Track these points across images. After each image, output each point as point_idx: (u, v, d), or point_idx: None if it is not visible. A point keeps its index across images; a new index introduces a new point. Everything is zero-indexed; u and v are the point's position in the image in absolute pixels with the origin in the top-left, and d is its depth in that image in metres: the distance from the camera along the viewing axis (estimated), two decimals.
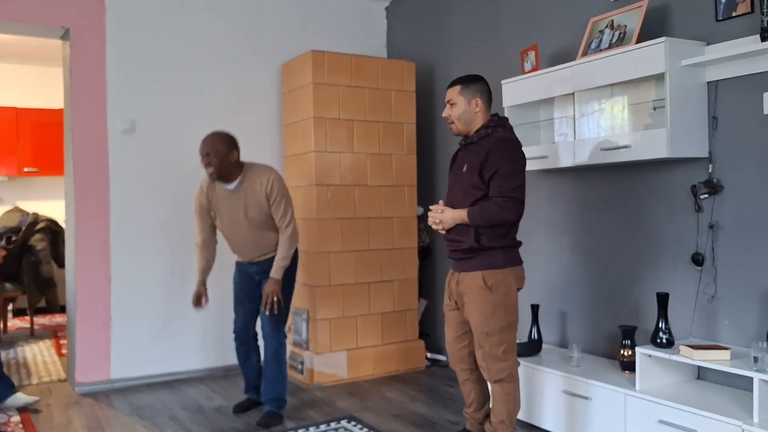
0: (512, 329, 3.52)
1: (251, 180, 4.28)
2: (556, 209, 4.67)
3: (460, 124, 3.58)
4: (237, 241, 4.40)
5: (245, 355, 4.57)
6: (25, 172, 8.73)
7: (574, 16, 4.43)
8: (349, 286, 5.36)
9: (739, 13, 3.51)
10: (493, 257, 3.46)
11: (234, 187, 4.29)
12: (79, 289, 5.12)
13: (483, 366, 3.54)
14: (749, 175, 3.51)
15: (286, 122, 5.69)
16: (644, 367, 3.58)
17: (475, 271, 3.48)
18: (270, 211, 4.27)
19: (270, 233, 4.33)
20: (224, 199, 4.34)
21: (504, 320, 3.46)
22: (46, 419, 4.49)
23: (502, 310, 3.45)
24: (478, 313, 3.47)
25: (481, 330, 3.47)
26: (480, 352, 3.52)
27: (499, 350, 3.47)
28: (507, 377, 3.50)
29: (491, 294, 3.44)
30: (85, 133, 5.13)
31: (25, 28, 5.14)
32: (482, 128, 3.54)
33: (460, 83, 3.59)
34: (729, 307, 3.63)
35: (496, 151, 3.40)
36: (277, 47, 5.84)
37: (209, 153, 4.20)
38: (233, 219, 4.32)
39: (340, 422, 4.33)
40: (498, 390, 3.53)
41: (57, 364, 6.04)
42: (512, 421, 3.55)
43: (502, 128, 3.54)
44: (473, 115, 3.55)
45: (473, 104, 3.54)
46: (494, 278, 3.45)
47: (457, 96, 3.56)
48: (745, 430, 3.02)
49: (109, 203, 5.20)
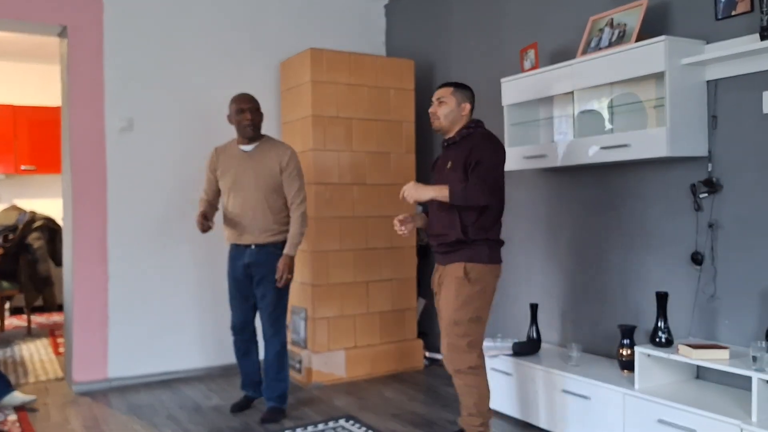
0: (480, 323, 3.60)
1: (269, 147, 4.38)
2: (555, 208, 4.66)
3: (445, 121, 3.72)
4: (236, 207, 4.32)
5: (244, 350, 4.54)
6: (22, 170, 8.71)
7: (574, 15, 4.42)
8: (348, 285, 5.35)
9: (738, 12, 3.50)
10: (478, 251, 3.56)
11: (251, 149, 4.37)
12: (77, 287, 5.10)
13: (445, 355, 3.61)
14: (749, 174, 3.51)
15: (285, 120, 5.68)
16: (643, 366, 3.57)
17: (458, 263, 3.56)
18: (278, 186, 4.30)
19: (271, 211, 4.30)
20: (238, 159, 4.36)
21: (474, 313, 3.55)
22: (43, 418, 4.48)
23: (475, 302, 3.54)
24: (451, 301, 3.56)
25: (451, 318, 3.55)
26: (444, 341, 3.60)
27: (463, 341, 3.54)
28: (467, 369, 3.55)
29: (469, 285, 3.53)
30: (82, 131, 5.11)
31: (23, 25, 5.13)
32: (463, 129, 3.70)
33: (454, 86, 3.76)
34: (728, 306, 3.63)
35: (479, 145, 3.56)
36: (275, 45, 5.83)
37: (251, 108, 4.34)
38: (239, 181, 4.32)
39: (338, 421, 4.32)
40: (459, 383, 3.60)
41: (54, 362, 6.04)
42: (482, 411, 3.61)
43: (482, 128, 3.72)
44: (459, 117, 3.71)
45: (462, 107, 3.72)
46: (476, 271, 3.54)
47: (450, 96, 3.72)
48: (744, 430, 3.01)
49: (107, 201, 5.18)
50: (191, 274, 5.37)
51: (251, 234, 4.32)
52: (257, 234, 4.31)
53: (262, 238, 4.31)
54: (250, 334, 4.54)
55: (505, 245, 4.94)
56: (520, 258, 4.93)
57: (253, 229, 4.31)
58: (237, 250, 4.40)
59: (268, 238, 4.31)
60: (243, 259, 4.35)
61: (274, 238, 4.32)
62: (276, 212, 4.32)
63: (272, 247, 4.32)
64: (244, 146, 4.38)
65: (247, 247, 4.34)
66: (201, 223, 4.27)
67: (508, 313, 5.03)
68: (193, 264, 5.39)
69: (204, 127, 4.44)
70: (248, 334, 4.53)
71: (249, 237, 4.32)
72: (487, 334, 4.81)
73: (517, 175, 4.86)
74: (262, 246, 4.31)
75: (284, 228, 4.35)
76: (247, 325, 4.51)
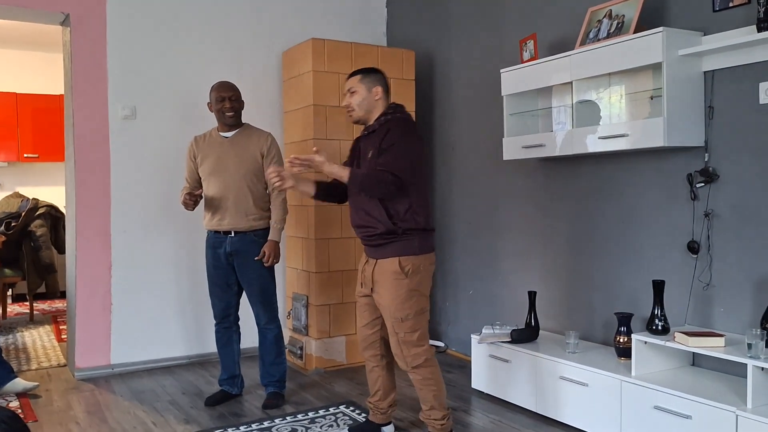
0: (425, 315, 3.56)
1: (250, 133, 4.44)
2: (553, 197, 4.69)
3: (360, 110, 3.65)
4: (217, 190, 4.32)
5: (226, 339, 4.54)
6: (25, 157, 8.74)
7: (573, 6, 4.45)
8: (349, 272, 5.38)
9: (736, 4, 3.53)
10: (409, 243, 3.47)
11: (232, 135, 4.41)
12: (80, 274, 5.15)
13: (398, 353, 3.57)
14: (745, 164, 3.54)
15: (286, 110, 5.70)
16: (640, 353, 3.61)
17: (391, 257, 3.48)
18: (259, 171, 4.34)
19: (252, 194, 4.32)
20: (218, 145, 4.39)
21: (417, 305, 3.50)
22: (46, 404, 4.53)
23: (416, 295, 3.49)
24: (392, 298, 3.48)
25: (396, 316, 3.48)
26: (394, 339, 3.55)
27: (414, 336, 3.50)
28: (423, 362, 3.53)
29: (407, 279, 3.46)
30: (85, 119, 5.14)
31: (25, 13, 5.14)
32: (381, 116, 3.61)
33: (360, 73, 3.69)
34: (724, 294, 3.67)
35: (392, 131, 3.48)
36: (277, 35, 5.84)
37: (232, 97, 4.37)
38: (221, 164, 4.33)
39: (338, 407, 4.37)
40: (417, 378, 3.56)
41: (57, 349, 6.09)
42: (442, 404, 3.58)
43: (401, 113, 3.63)
44: (374, 102, 3.63)
45: (374, 92, 3.63)
46: (410, 264, 3.46)
47: (358, 84, 3.65)
48: (739, 416, 3.05)
49: (110, 189, 5.22)
50: (194, 260, 5.40)
51: (232, 217, 4.31)
52: (238, 218, 4.31)
53: (243, 223, 4.31)
54: (230, 323, 4.53)
55: (505, 233, 5.00)
56: (518, 246, 4.97)
57: (234, 211, 4.31)
58: (216, 238, 4.39)
59: (248, 222, 4.32)
60: (224, 248, 4.35)
61: (254, 224, 4.33)
62: (256, 196, 4.35)
63: (253, 234, 4.34)
64: (224, 133, 4.42)
65: (227, 234, 4.35)
66: (188, 197, 4.22)
67: (507, 301, 5.07)
68: (196, 251, 5.42)
69: (207, 116, 4.47)
70: (229, 322, 4.52)
71: (229, 221, 4.32)
72: (487, 321, 4.88)
73: (516, 165, 4.89)
74: (243, 233, 4.33)
75: (264, 214, 4.37)
76: (228, 313, 4.50)
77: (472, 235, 5.38)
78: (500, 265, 5.16)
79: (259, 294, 4.39)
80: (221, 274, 4.42)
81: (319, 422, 4.11)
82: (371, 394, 3.86)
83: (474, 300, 5.42)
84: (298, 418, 4.17)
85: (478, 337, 4.58)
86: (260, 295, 4.39)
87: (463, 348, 5.49)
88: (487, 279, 5.28)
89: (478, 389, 4.61)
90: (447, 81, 5.69)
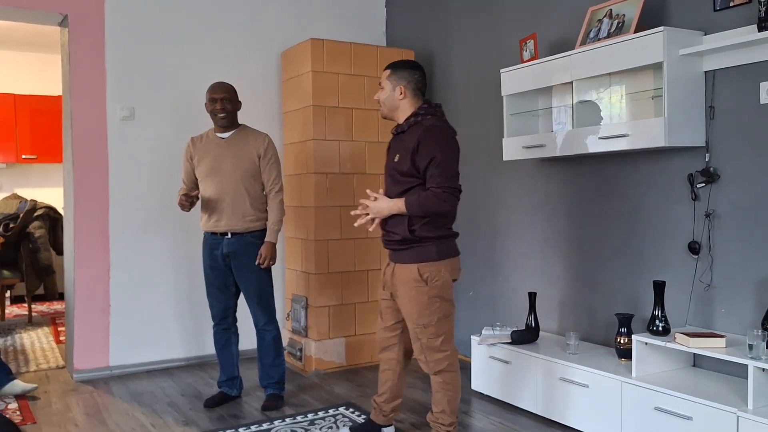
0: (449, 320, 3.52)
1: (247, 135, 4.40)
2: (553, 197, 4.68)
3: (384, 108, 3.59)
4: (213, 192, 4.30)
5: (225, 341, 4.52)
6: (24, 158, 8.73)
7: (573, 5, 4.43)
8: (348, 273, 5.38)
9: (736, 3, 3.52)
10: (427, 249, 3.42)
11: (228, 136, 4.38)
12: (78, 276, 5.13)
13: (421, 359, 3.54)
14: (746, 164, 3.53)
15: (285, 110, 5.69)
16: (640, 354, 3.60)
17: (410, 264, 3.45)
18: (256, 172, 4.32)
19: (249, 195, 4.30)
20: (215, 146, 4.37)
21: (440, 311, 3.45)
22: (44, 406, 4.51)
23: (437, 301, 3.44)
24: (413, 305, 3.45)
25: (418, 322, 3.46)
26: (417, 345, 3.52)
27: (437, 341, 3.47)
28: (446, 367, 3.51)
29: (427, 286, 3.41)
30: (83, 120, 5.13)
31: (23, 14, 5.13)
32: (411, 116, 3.49)
33: (391, 68, 3.58)
34: (725, 295, 3.65)
35: (426, 140, 3.35)
36: (276, 35, 5.83)
37: (224, 98, 4.33)
38: (217, 165, 4.31)
39: (338, 409, 4.36)
40: (438, 381, 3.53)
41: (55, 351, 6.07)
42: (453, 410, 3.55)
43: (432, 116, 3.49)
44: (397, 102, 3.53)
45: (397, 91, 3.51)
46: (429, 270, 3.41)
47: (386, 79, 3.56)
48: (740, 417, 3.04)
49: (108, 190, 5.20)
50: (193, 261, 5.38)
51: (228, 219, 4.29)
52: (235, 219, 4.28)
53: (240, 224, 4.29)
54: (229, 324, 4.51)
55: (505, 234, 4.99)
56: (519, 247, 4.96)
57: (231, 213, 4.28)
58: (213, 240, 4.37)
59: (245, 224, 4.29)
60: (221, 249, 4.33)
61: (251, 225, 4.31)
62: (253, 197, 4.32)
63: (250, 236, 4.32)
64: (220, 134, 4.40)
65: (224, 236, 4.32)
66: (184, 198, 4.22)
67: (507, 302, 5.06)
68: (194, 252, 5.39)
69: (205, 117, 4.45)
70: (227, 324, 4.50)
71: (226, 222, 4.29)
72: (486, 323, 4.87)
73: (516, 165, 4.88)
74: (240, 235, 4.31)
75: (261, 215, 4.35)
76: (227, 315, 4.49)
77: (472, 235, 5.36)
78: (500, 265, 5.14)
79: (256, 295, 4.37)
80: (218, 275, 4.41)
81: (319, 424, 4.09)
82: (378, 393, 3.84)
83: (474, 301, 5.41)
84: (298, 420, 4.16)
85: (478, 339, 4.57)
86: (258, 297, 4.38)
87: (463, 349, 5.45)
88: (488, 280, 5.26)
89: (478, 391, 4.60)
90: (447, 81, 5.68)
